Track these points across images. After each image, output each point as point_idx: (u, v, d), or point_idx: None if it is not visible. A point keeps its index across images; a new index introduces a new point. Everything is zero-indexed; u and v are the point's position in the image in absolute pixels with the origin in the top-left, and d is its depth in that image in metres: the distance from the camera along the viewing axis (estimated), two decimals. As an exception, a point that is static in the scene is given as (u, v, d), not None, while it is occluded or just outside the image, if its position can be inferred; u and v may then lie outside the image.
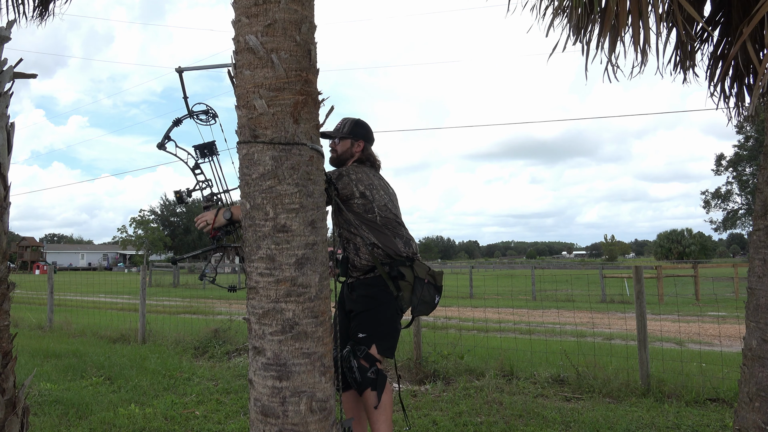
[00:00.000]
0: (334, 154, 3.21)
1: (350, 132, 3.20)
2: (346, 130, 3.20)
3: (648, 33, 2.58)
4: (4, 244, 2.56)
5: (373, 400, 2.91)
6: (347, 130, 3.20)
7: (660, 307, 12.79)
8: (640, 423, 4.33)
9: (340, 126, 3.24)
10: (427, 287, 3.00)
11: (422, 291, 2.99)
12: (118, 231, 67.34)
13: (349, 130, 3.20)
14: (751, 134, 42.04)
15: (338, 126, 3.25)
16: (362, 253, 3.05)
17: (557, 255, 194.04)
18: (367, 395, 2.93)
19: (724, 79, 3.33)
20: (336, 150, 3.21)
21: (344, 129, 3.20)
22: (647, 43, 2.62)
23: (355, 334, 2.99)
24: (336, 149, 3.21)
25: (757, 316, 2.64)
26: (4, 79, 2.66)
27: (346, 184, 3.03)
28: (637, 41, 2.60)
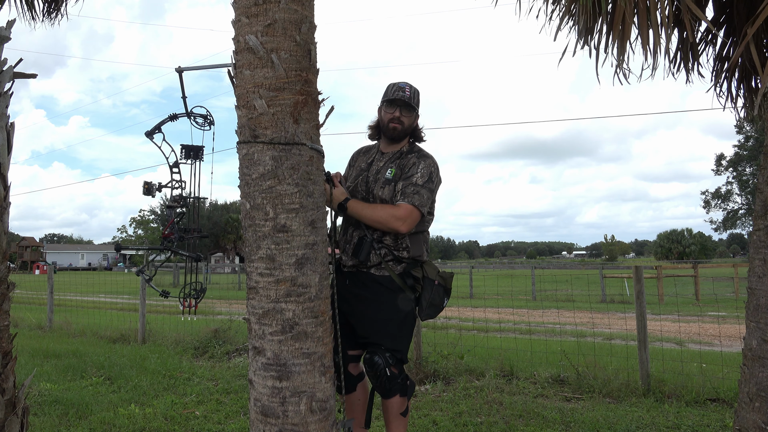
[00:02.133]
0: (398, 126, 2.78)
1: (417, 105, 2.84)
2: (417, 100, 2.82)
3: (658, 35, 2.58)
4: (4, 244, 2.56)
5: (401, 407, 2.81)
6: (417, 100, 2.82)
7: (660, 307, 12.79)
8: (640, 423, 4.32)
9: (410, 95, 2.79)
10: (436, 289, 2.79)
11: (431, 294, 2.79)
12: (118, 231, 67.50)
13: (417, 100, 2.83)
14: (751, 134, 42.04)
15: (407, 94, 2.78)
16: (401, 241, 2.76)
17: (557, 255, 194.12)
18: (396, 401, 2.81)
19: (730, 80, 3.33)
20: (402, 122, 2.79)
21: (415, 99, 2.80)
22: (657, 44, 2.62)
23: (381, 339, 2.76)
24: (403, 120, 2.79)
25: (757, 316, 2.64)
26: (4, 79, 2.66)
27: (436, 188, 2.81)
28: (646, 42, 2.60)
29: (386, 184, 2.72)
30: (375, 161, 2.86)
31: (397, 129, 2.76)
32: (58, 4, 4.62)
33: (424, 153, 2.84)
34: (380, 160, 2.84)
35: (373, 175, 2.80)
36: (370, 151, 2.94)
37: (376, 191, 2.73)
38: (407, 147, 2.86)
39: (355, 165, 2.93)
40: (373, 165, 2.84)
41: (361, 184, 2.80)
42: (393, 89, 2.77)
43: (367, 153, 2.96)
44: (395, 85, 2.79)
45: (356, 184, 2.82)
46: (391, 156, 2.83)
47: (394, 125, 2.76)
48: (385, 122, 2.79)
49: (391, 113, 2.77)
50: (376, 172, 2.80)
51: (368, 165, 2.86)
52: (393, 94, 2.76)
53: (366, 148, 3.01)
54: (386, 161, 2.82)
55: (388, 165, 2.79)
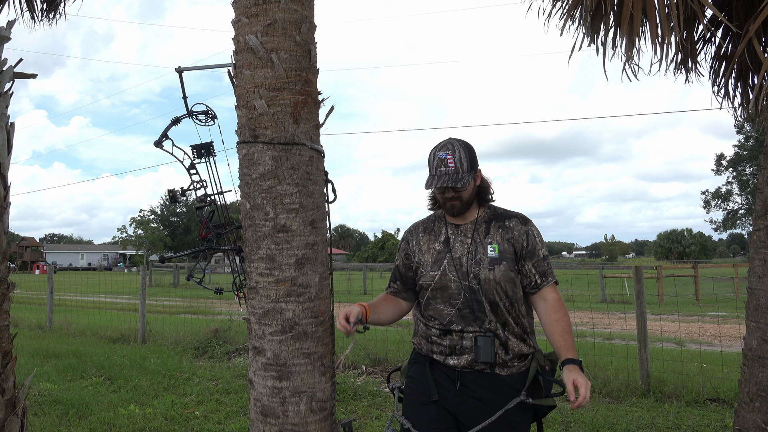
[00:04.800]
0: (457, 203, 2.21)
1: (472, 166, 2.21)
2: (469, 164, 2.19)
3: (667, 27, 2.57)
4: (4, 244, 2.56)
5: None
6: (470, 163, 2.20)
7: (660, 307, 12.79)
8: (640, 423, 4.32)
9: (456, 168, 2.17)
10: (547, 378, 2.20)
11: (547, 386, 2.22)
12: (118, 231, 67.55)
13: (469, 165, 2.20)
14: (751, 134, 42.04)
15: (451, 168, 2.17)
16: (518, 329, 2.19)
17: (557, 255, 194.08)
18: None
19: (728, 79, 3.33)
20: (461, 197, 2.21)
21: (465, 167, 2.18)
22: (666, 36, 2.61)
23: None
24: (461, 196, 2.21)
25: (758, 316, 2.64)
26: (4, 79, 2.66)
27: None
28: (655, 36, 2.59)
29: (494, 264, 2.15)
30: (452, 237, 2.25)
31: (456, 206, 2.21)
32: (57, 4, 4.62)
33: (519, 215, 2.31)
34: (459, 234, 2.25)
35: (466, 255, 2.19)
36: (434, 226, 2.33)
37: (483, 274, 2.13)
38: (486, 212, 2.30)
39: (422, 248, 2.30)
40: (454, 243, 2.23)
41: (451, 270, 2.18)
42: (434, 163, 2.19)
43: (430, 230, 2.34)
44: (436, 158, 2.19)
45: (442, 271, 2.20)
46: (473, 227, 2.25)
47: (452, 204, 2.21)
48: (441, 202, 2.26)
49: (442, 194, 2.22)
50: (468, 252, 2.19)
51: (445, 244, 2.25)
52: (436, 174, 2.18)
53: (424, 225, 2.38)
54: (471, 235, 2.23)
55: (479, 239, 2.22)
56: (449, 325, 2.15)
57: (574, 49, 3.12)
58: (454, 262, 2.19)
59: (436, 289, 2.19)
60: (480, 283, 2.13)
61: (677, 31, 2.67)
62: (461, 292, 2.15)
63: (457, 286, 2.16)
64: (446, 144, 2.20)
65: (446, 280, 2.18)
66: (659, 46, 2.67)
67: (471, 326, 2.13)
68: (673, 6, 2.50)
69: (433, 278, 2.20)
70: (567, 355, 2.06)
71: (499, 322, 2.14)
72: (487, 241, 2.20)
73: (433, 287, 2.20)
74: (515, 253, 2.19)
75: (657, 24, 2.57)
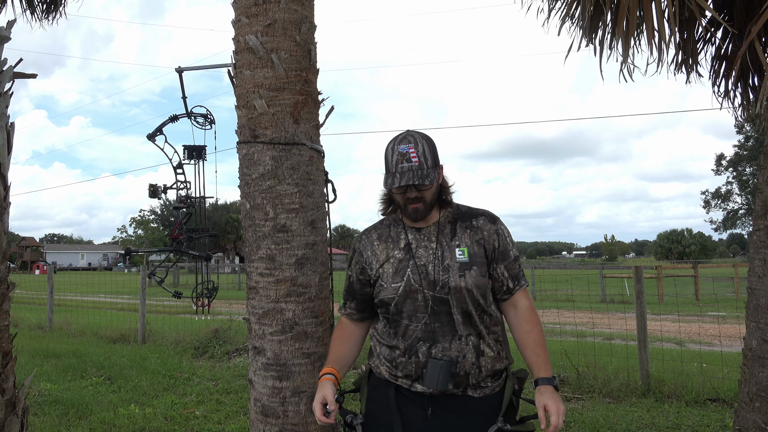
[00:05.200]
0: (420, 206, 1.90)
1: (435, 162, 1.91)
2: (433, 159, 1.89)
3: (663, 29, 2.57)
4: (4, 244, 2.56)
5: None
6: (434, 158, 1.90)
7: (660, 307, 12.79)
8: (640, 423, 4.32)
9: (420, 164, 1.86)
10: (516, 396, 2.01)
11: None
12: (118, 231, 67.57)
13: (433, 160, 1.90)
14: (752, 134, 42.05)
15: (414, 164, 1.85)
16: (492, 341, 1.93)
17: (557, 255, 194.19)
18: None
19: (728, 80, 3.33)
20: (424, 198, 1.90)
21: (428, 162, 1.87)
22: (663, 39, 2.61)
23: None
24: (424, 197, 1.90)
25: (758, 316, 2.64)
26: (4, 79, 2.66)
27: None
28: (652, 37, 2.59)
29: (464, 269, 1.88)
30: (414, 243, 1.95)
31: (419, 210, 1.90)
32: (58, 4, 4.63)
33: (486, 213, 2.03)
34: (422, 238, 1.95)
35: (432, 261, 1.90)
36: (390, 232, 2.02)
37: (453, 282, 1.86)
38: (449, 212, 2.00)
39: (379, 258, 1.98)
40: (417, 249, 1.94)
41: (416, 279, 1.88)
42: (394, 158, 1.86)
43: (386, 237, 2.02)
44: (395, 152, 1.86)
45: (406, 281, 1.90)
46: (436, 230, 1.96)
47: (415, 207, 1.90)
48: (401, 204, 1.93)
49: (403, 194, 1.89)
50: (435, 257, 1.91)
51: (407, 251, 1.94)
52: (397, 171, 1.85)
53: (378, 232, 2.05)
54: (435, 238, 1.95)
55: (445, 243, 1.94)
56: (416, 343, 1.87)
57: (571, 49, 3.12)
58: (419, 271, 1.90)
59: (400, 303, 1.89)
60: (450, 292, 1.86)
61: (674, 31, 2.67)
62: (428, 304, 1.87)
63: (423, 297, 1.87)
64: (406, 136, 1.88)
65: (411, 291, 1.88)
66: (656, 47, 2.67)
67: (441, 342, 1.85)
68: (670, 7, 2.50)
69: (396, 291, 1.89)
70: (539, 373, 1.86)
71: (472, 334, 1.88)
72: (455, 243, 1.93)
73: (396, 301, 1.89)
74: (486, 256, 1.93)
75: (654, 25, 2.58)
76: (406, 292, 1.89)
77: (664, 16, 2.56)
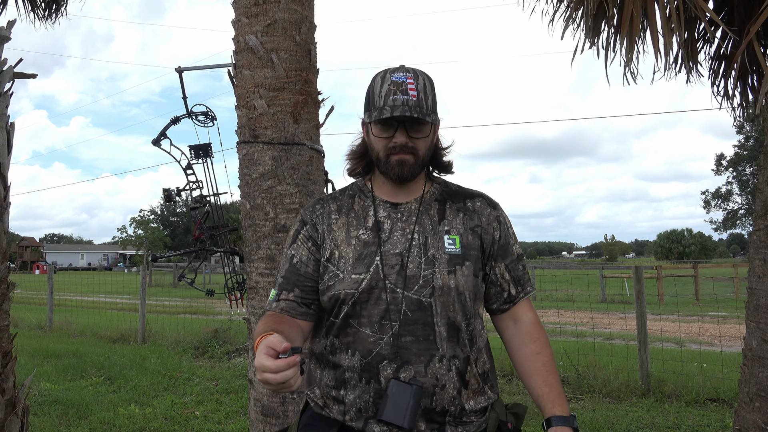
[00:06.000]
0: (409, 158, 1.38)
1: (435, 109, 1.42)
2: (431, 105, 1.39)
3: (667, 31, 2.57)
4: (4, 244, 2.56)
5: None
6: (433, 104, 1.41)
7: (660, 307, 12.79)
8: (640, 423, 4.33)
9: (418, 96, 1.35)
10: None
11: None
12: (118, 231, 67.61)
13: (434, 104, 1.42)
14: (752, 134, 42.07)
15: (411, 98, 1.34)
16: (480, 369, 1.42)
17: (557, 255, 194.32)
18: None
19: (727, 79, 3.33)
20: (415, 149, 1.39)
21: (429, 102, 1.38)
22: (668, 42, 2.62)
23: None
24: (416, 147, 1.39)
25: (758, 316, 2.64)
26: (4, 79, 2.66)
27: None
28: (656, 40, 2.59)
29: (456, 264, 1.37)
30: (386, 222, 1.43)
31: (407, 165, 1.37)
32: (59, 4, 4.63)
33: (483, 195, 1.53)
34: (398, 217, 1.43)
35: (410, 249, 1.38)
36: (354, 204, 1.48)
37: (440, 279, 1.35)
38: (437, 188, 1.50)
39: (336, 237, 1.43)
40: (391, 231, 1.41)
41: (388, 272, 1.36)
42: (385, 88, 1.36)
43: (348, 210, 1.48)
44: (389, 82, 1.36)
45: (373, 273, 1.36)
46: (418, 207, 1.44)
47: (401, 157, 1.36)
48: (382, 155, 1.39)
49: (389, 138, 1.37)
50: (415, 244, 1.39)
51: (376, 231, 1.41)
52: (388, 105, 1.33)
53: (338, 202, 1.50)
54: (417, 218, 1.43)
55: (431, 226, 1.42)
56: (377, 362, 1.31)
57: (576, 51, 3.12)
58: (392, 260, 1.35)
59: (360, 303, 1.33)
60: (434, 294, 1.33)
61: (680, 33, 2.67)
62: (401, 309, 1.32)
63: (394, 298, 1.33)
64: (402, 67, 1.38)
65: (378, 288, 1.33)
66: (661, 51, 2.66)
67: (413, 363, 1.29)
68: (673, 10, 2.50)
69: (357, 284, 1.33)
70: (554, 410, 1.36)
71: (458, 357, 1.35)
72: (443, 229, 1.41)
73: (356, 299, 1.33)
74: (482, 249, 1.43)
75: (657, 27, 2.58)
76: (370, 287, 1.33)
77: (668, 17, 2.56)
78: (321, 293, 1.41)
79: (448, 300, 1.35)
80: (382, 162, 1.40)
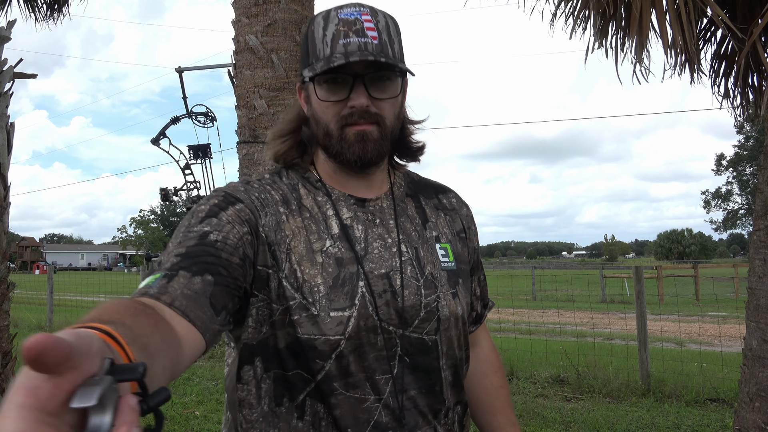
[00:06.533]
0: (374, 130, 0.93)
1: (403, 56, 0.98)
2: (398, 51, 0.96)
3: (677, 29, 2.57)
4: (4, 244, 2.56)
5: None
6: (399, 50, 0.96)
7: (660, 307, 12.79)
8: (640, 423, 4.33)
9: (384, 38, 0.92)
10: None
11: None
12: (118, 231, 67.68)
13: (401, 50, 0.97)
14: (752, 134, 42.09)
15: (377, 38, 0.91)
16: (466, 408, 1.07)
17: (557, 255, 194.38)
18: None
19: (727, 79, 3.34)
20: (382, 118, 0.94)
21: (395, 47, 0.94)
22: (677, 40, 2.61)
23: None
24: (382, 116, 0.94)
25: (758, 316, 2.64)
26: (4, 79, 2.66)
27: None
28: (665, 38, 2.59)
29: (455, 283, 1.02)
30: (361, 227, 0.99)
31: (370, 139, 0.94)
32: (61, 4, 4.63)
33: (448, 188, 1.18)
34: (369, 219, 1.00)
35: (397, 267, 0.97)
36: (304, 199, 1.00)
37: (446, 309, 0.98)
38: (404, 179, 1.12)
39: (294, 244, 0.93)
40: (366, 239, 0.97)
41: (381, 305, 0.92)
42: (331, 33, 0.92)
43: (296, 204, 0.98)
44: (336, 21, 0.93)
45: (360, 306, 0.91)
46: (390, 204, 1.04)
47: (361, 129, 0.93)
48: (333, 127, 0.95)
49: (342, 101, 0.94)
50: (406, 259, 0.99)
51: (347, 241, 0.96)
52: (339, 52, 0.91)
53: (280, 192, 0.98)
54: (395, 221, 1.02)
55: (415, 231, 1.03)
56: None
57: (588, 52, 3.13)
58: (378, 286, 0.93)
59: (346, 355, 0.89)
60: (439, 329, 0.96)
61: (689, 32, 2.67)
62: (398, 355, 0.92)
63: (389, 340, 0.92)
64: (356, 3, 0.96)
65: (367, 330, 0.91)
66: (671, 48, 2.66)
67: (421, 427, 0.93)
68: (683, 6, 2.50)
69: (343, 327, 0.89)
70: None
71: (460, 404, 1.02)
72: (430, 234, 1.04)
73: (342, 351, 0.89)
74: (469, 263, 1.10)
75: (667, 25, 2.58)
76: (358, 330, 0.89)
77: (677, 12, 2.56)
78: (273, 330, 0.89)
79: (453, 334, 0.99)
80: (334, 138, 0.94)
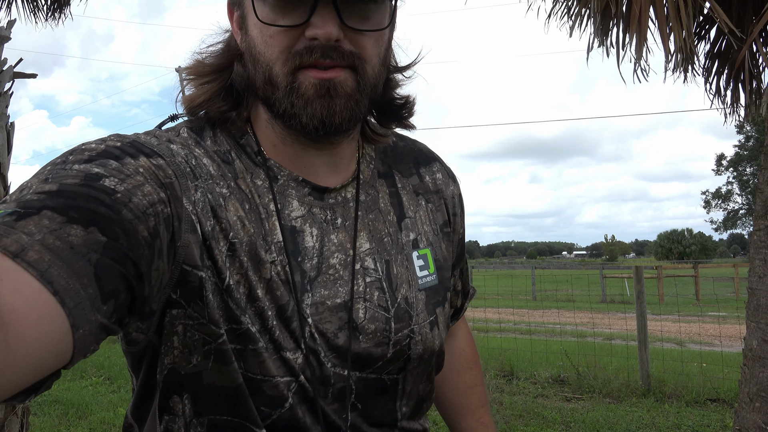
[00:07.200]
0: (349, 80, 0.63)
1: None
2: None
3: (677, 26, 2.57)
4: (3, 244, 2.56)
5: None
6: None
7: (660, 307, 12.79)
8: (640, 423, 4.33)
9: None
10: None
11: None
12: (119, 231, 67.65)
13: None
14: (752, 134, 42.09)
15: None
16: None
17: (557, 255, 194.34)
18: None
19: (720, 77, 3.33)
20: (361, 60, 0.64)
21: None
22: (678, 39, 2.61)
23: None
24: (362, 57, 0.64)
25: (758, 316, 2.64)
26: (4, 79, 2.66)
27: None
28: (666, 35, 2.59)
29: (435, 304, 0.78)
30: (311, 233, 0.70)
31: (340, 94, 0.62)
32: (62, 5, 4.63)
33: (432, 153, 0.91)
34: (330, 221, 0.72)
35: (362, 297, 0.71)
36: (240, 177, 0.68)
37: (420, 345, 0.75)
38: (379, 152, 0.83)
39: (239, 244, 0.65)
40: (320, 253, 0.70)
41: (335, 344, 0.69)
42: None
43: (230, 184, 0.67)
44: None
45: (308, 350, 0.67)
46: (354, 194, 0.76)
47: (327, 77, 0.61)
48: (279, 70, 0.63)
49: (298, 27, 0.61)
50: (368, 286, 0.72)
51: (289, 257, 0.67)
52: None
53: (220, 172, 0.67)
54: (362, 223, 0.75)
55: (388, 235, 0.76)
56: None
57: (589, 50, 3.13)
58: (332, 323, 0.69)
59: (296, 406, 0.67)
60: (406, 368, 0.76)
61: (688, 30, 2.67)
62: (348, 404, 0.72)
63: (341, 390, 0.71)
64: None
65: (317, 378, 0.69)
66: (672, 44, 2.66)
67: None
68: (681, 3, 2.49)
69: (291, 372, 0.67)
70: None
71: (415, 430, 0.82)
72: (407, 238, 0.79)
73: (292, 399, 0.67)
74: (452, 258, 0.87)
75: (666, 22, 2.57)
76: (307, 379, 0.68)
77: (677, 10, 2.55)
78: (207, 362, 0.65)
79: (424, 369, 0.79)
80: (281, 88, 0.65)
